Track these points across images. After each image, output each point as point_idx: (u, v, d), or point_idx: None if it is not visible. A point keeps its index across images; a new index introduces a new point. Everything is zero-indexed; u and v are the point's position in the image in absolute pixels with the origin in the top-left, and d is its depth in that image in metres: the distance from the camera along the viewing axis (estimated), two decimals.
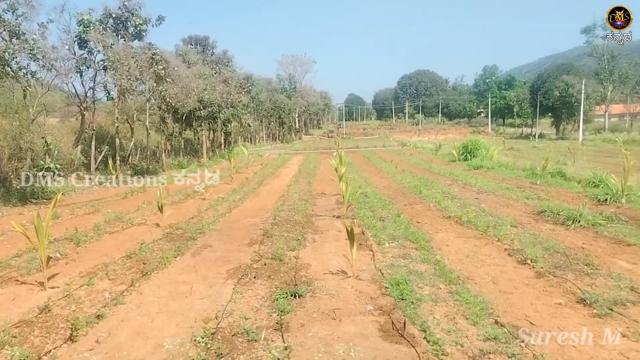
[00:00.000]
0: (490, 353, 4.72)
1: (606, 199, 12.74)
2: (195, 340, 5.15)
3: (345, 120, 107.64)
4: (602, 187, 14.07)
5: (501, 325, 5.29)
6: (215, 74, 36.53)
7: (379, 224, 10.92)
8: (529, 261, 7.74)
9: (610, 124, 66.60)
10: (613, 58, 66.09)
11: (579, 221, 10.25)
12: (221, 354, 4.84)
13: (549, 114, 66.57)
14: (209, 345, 5.02)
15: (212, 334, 5.26)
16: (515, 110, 79.84)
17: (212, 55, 45.65)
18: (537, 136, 59.11)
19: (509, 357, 4.61)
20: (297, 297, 6.33)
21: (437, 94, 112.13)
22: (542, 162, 18.37)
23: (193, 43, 46.18)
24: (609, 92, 65.57)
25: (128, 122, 27.43)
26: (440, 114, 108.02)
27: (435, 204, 13.48)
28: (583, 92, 52.68)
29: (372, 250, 8.75)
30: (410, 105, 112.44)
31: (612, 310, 5.66)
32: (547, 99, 60.79)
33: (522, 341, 4.91)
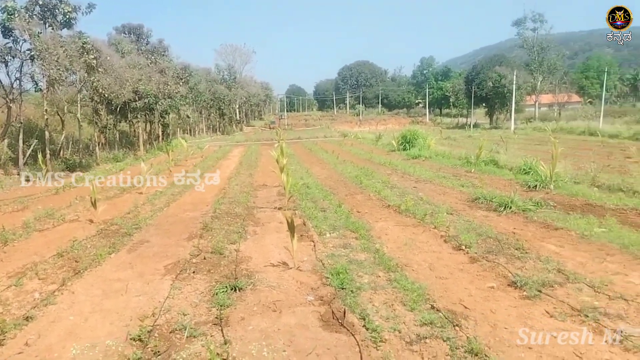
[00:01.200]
0: (426, 338, 4.85)
1: (536, 186, 13.36)
2: (130, 339, 5.00)
3: (287, 111, 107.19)
4: (532, 174, 14.73)
5: (437, 310, 5.45)
6: (150, 63, 35.35)
7: (320, 215, 10.98)
8: (463, 247, 8.01)
9: (540, 114, 69.72)
10: (542, 50, 69.14)
11: (511, 207, 10.70)
12: (158, 351, 4.72)
13: (483, 104, 68.77)
14: (145, 343, 4.89)
15: (148, 331, 5.13)
16: (451, 100, 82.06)
17: (147, 44, 44.12)
18: (472, 126, 61.07)
19: (444, 341, 4.76)
20: (237, 291, 6.27)
21: (377, 85, 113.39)
22: (477, 151, 19.01)
23: (126, 32, 44.41)
24: (539, 82, 68.59)
25: (58, 114, 26.11)
26: (380, 105, 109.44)
27: (376, 193, 13.68)
28: (514, 82, 54.83)
29: (313, 241, 8.79)
30: (351, 96, 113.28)
31: (540, 292, 5.95)
32: (481, 90, 62.79)
33: (457, 325, 5.08)
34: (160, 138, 39.32)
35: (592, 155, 22.04)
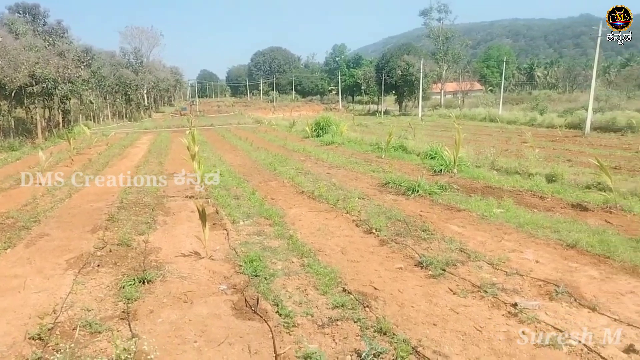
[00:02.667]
0: (338, 320, 4.96)
1: (441, 170, 14.01)
2: (29, 338, 4.69)
3: (199, 97, 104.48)
4: (438, 159, 15.42)
5: (348, 293, 5.59)
6: (48, 46, 32.97)
7: (233, 203, 10.86)
8: (374, 230, 8.26)
9: (446, 101, 72.93)
10: (447, 39, 72.30)
11: (418, 191, 11.16)
12: (60, 350, 4.46)
13: (393, 92, 70.90)
14: (46, 342, 4.60)
15: (49, 329, 4.82)
16: (363, 88, 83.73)
17: (44, 25, 41.11)
18: (382, 113, 62.81)
19: (354, 322, 4.89)
20: (146, 283, 6.06)
21: (291, 72, 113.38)
22: (387, 137, 19.58)
23: (21, 12, 41.08)
24: (444, 71, 71.63)
25: None
26: (294, 92, 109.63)
27: (289, 180, 13.74)
28: (422, 71, 56.86)
29: (226, 229, 8.68)
30: (265, 82, 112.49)
31: (444, 270, 6.27)
32: (390, 78, 64.55)
33: (367, 306, 5.24)
34: (61, 125, 36.89)
35: (492, 140, 23.51)
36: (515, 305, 5.20)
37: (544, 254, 6.93)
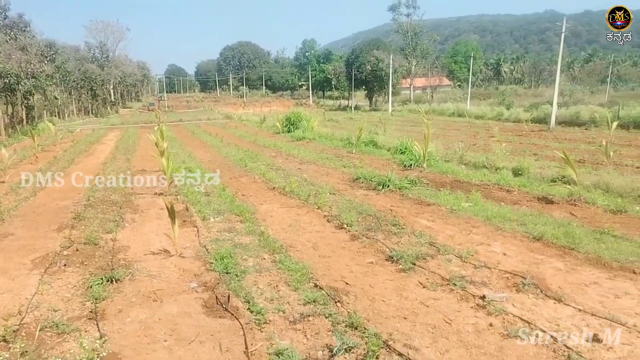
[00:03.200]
0: (309, 315, 4.97)
1: (411, 164, 14.15)
2: None
3: (167, 92, 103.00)
4: (408, 153, 15.56)
5: (320, 288, 5.61)
6: (10, 40, 32.07)
7: (203, 199, 10.75)
8: (345, 226, 8.30)
9: (415, 96, 73.69)
10: (416, 35, 72.97)
11: (388, 186, 11.26)
12: (26, 351, 4.35)
13: (363, 87, 71.19)
14: (10, 344, 4.48)
15: (14, 331, 4.70)
16: (333, 83, 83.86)
17: (4, 19, 39.82)
18: (353, 108, 62.94)
19: (326, 317, 4.91)
20: (114, 282, 5.96)
21: (260, 67, 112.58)
22: (357, 133, 19.65)
23: None
24: (413, 66, 72.31)
25: None
26: (264, 87, 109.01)
27: (260, 175, 13.68)
28: (391, 66, 57.24)
29: (196, 227, 8.60)
30: (234, 78, 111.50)
31: (414, 264, 6.35)
32: (360, 73, 64.80)
33: (338, 301, 5.27)
34: (25, 122, 35.89)
35: (460, 135, 23.86)
36: (483, 297, 5.30)
37: (511, 246, 7.08)
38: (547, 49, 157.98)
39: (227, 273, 6.17)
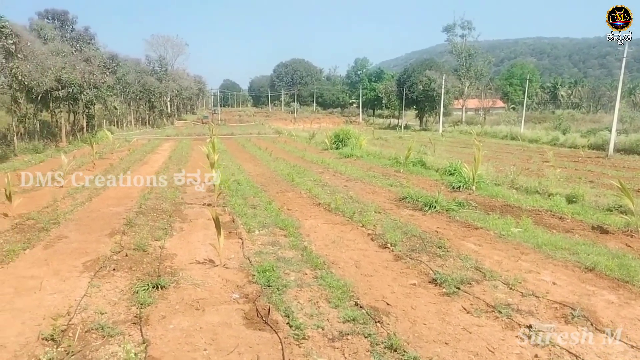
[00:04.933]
0: (348, 334, 4.92)
1: (459, 186, 13.89)
2: (42, 339, 4.74)
3: (221, 106, 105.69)
4: (456, 175, 15.29)
5: (360, 307, 5.55)
6: (75, 51, 33.75)
7: (250, 212, 10.89)
8: (389, 245, 8.21)
9: (467, 117, 72.57)
10: (470, 56, 72.04)
11: (435, 207, 11.08)
12: (72, 351, 4.50)
13: (414, 107, 70.73)
14: (58, 343, 4.65)
15: (62, 331, 4.88)
16: (384, 102, 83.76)
17: (72, 31, 42.13)
18: (403, 127, 62.62)
19: (365, 337, 4.85)
20: (159, 289, 6.09)
21: (312, 84, 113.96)
22: (406, 152, 19.50)
23: (50, 17, 42.21)
24: (466, 87, 71.39)
25: None
26: (315, 103, 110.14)
27: (307, 191, 13.76)
28: (443, 86, 56.70)
29: (241, 238, 8.71)
30: (286, 94, 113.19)
31: (459, 289, 6.19)
32: (412, 92, 64.49)
33: (378, 321, 5.19)
34: (85, 129, 37.55)
35: (512, 159, 23.28)
36: (530, 327, 5.11)
37: (562, 275, 6.81)
38: (607, 74, 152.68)
39: (268, 286, 6.21)
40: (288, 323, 5.16)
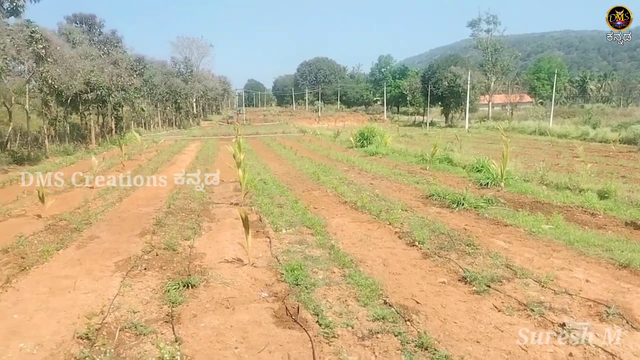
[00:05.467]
0: (378, 333, 4.90)
1: (487, 183, 13.71)
2: (77, 337, 4.85)
3: (245, 106, 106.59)
4: (484, 171, 15.09)
5: (389, 306, 5.52)
6: (103, 55, 34.45)
7: (276, 211, 10.94)
8: (417, 243, 8.15)
9: (494, 113, 71.49)
10: (496, 51, 70.76)
11: (463, 204, 10.95)
12: (106, 350, 4.60)
13: (439, 103, 70.10)
14: (93, 342, 4.75)
15: (96, 329, 4.98)
16: (408, 99, 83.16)
17: (99, 35, 42.98)
18: (428, 124, 62.14)
19: (395, 336, 4.82)
20: (190, 287, 6.18)
21: (336, 82, 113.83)
22: (432, 149, 19.34)
23: (78, 22, 43.13)
24: (492, 82, 70.19)
25: (5, 106, 24.99)
26: (339, 102, 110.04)
27: (333, 189, 13.76)
28: (469, 82, 56.10)
29: (269, 237, 8.75)
30: (310, 92, 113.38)
31: (489, 287, 6.10)
32: (437, 89, 63.92)
33: (408, 320, 5.16)
34: (114, 131, 38.27)
35: (541, 154, 22.87)
36: (563, 325, 5.02)
37: (595, 273, 6.66)
38: (638, 67, 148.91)
39: (297, 284, 6.23)
40: (317, 321, 5.17)
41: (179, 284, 6.21)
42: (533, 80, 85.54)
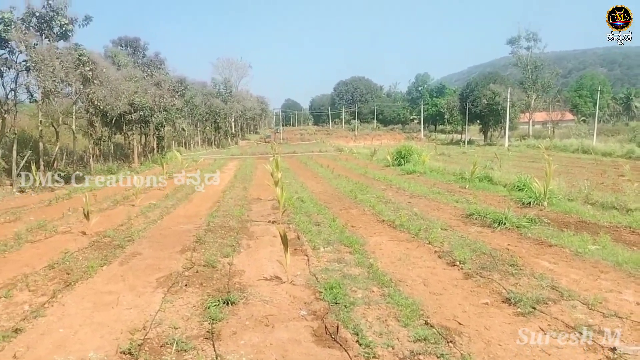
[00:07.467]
0: (420, 354, 4.80)
1: (530, 202, 13.36)
2: (120, 352, 4.93)
3: (283, 125, 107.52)
4: (526, 190, 14.73)
5: (431, 326, 5.41)
6: (146, 76, 35.56)
7: (314, 229, 10.93)
8: (457, 263, 7.98)
9: (534, 131, 70.17)
10: (536, 68, 69.70)
11: (505, 223, 10.69)
12: None
13: (478, 121, 69.28)
14: (135, 357, 4.81)
15: (139, 345, 5.05)
16: (446, 117, 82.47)
17: (143, 57, 44.46)
18: (466, 142, 61.47)
19: (437, 357, 4.71)
20: (229, 305, 6.21)
21: (372, 101, 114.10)
22: (471, 167, 19.03)
23: (123, 44, 44.77)
24: (533, 100, 69.05)
25: (53, 126, 26.03)
26: (375, 120, 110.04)
27: (370, 208, 13.67)
28: (509, 100, 55.28)
29: (307, 255, 8.74)
30: (347, 111, 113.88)
31: (534, 308, 5.91)
32: (475, 107, 63.32)
33: (451, 341, 5.04)
34: (155, 150, 39.27)
35: (585, 173, 22.20)
36: (614, 349, 4.81)
37: None
38: None
39: (336, 303, 6.18)
40: (357, 341, 5.11)
41: (218, 300, 6.25)
42: (575, 97, 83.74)
